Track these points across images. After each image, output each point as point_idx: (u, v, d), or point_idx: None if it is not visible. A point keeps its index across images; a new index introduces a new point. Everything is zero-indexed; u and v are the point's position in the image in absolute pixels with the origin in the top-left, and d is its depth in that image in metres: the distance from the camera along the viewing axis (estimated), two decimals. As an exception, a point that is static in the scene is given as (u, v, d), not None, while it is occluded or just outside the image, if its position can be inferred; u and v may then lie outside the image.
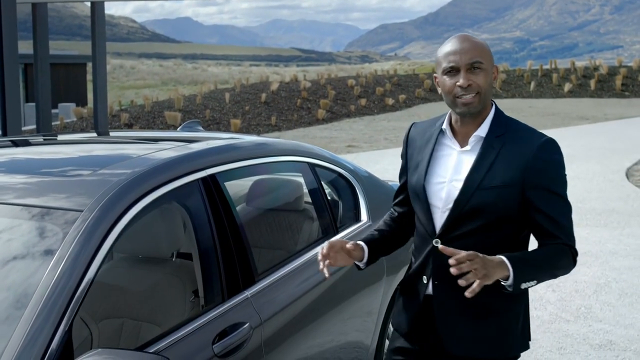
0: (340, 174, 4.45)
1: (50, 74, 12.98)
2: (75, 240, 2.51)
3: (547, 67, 36.58)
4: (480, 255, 2.44)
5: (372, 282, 4.13)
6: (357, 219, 4.38)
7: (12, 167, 3.37)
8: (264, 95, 26.90)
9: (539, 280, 2.59)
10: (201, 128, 4.76)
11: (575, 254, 2.68)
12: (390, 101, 29.13)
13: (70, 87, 35.77)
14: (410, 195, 2.84)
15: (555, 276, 2.66)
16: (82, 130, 20.71)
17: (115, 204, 2.68)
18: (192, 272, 3.31)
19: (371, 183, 4.69)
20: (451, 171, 2.69)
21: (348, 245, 2.73)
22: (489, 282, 2.45)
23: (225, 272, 3.10)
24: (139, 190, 2.82)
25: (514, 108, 28.28)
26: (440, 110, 23.87)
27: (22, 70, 29.58)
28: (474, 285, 2.41)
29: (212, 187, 3.22)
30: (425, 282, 2.75)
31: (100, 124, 14.74)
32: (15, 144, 4.15)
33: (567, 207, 2.66)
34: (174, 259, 3.54)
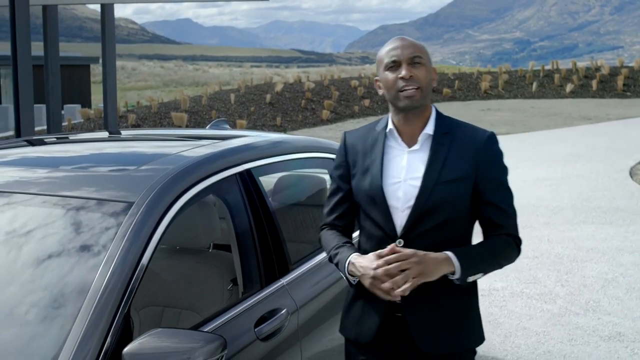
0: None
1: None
2: (130, 228, 2.68)
3: (549, 67, 36.72)
4: (421, 253, 2.57)
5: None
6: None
7: (60, 163, 3.56)
8: (268, 96, 27.09)
9: (485, 272, 2.72)
10: (227, 126, 4.95)
11: (519, 242, 2.80)
12: (393, 102, 29.31)
13: (75, 88, 35.90)
14: (363, 200, 2.80)
15: (500, 266, 2.77)
16: (96, 131, 20.90)
17: (163, 197, 2.86)
18: (228, 262, 3.49)
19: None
20: (404, 171, 2.73)
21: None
22: (430, 279, 2.58)
23: (263, 261, 3.28)
24: (183, 183, 2.99)
25: (517, 108, 28.44)
26: (444, 110, 24.10)
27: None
28: (406, 285, 2.53)
29: (249, 181, 3.40)
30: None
31: (110, 125, 14.90)
32: (54, 142, 4.34)
33: (511, 196, 2.80)
34: (210, 250, 3.73)
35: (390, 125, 2.81)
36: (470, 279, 2.67)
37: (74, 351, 2.32)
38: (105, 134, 4.91)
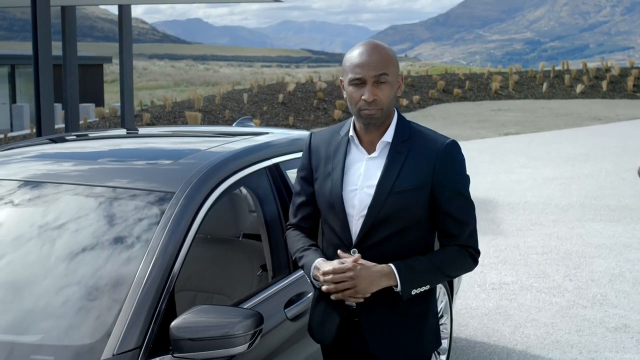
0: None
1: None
2: (172, 216, 2.95)
3: (559, 68, 36.84)
4: (359, 267, 2.58)
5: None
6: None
7: (100, 156, 3.82)
8: (281, 96, 27.34)
9: (432, 284, 2.71)
10: (252, 124, 5.20)
11: (474, 252, 2.77)
12: (405, 102, 29.50)
13: (88, 88, 36.18)
14: (323, 205, 2.80)
15: (451, 277, 2.77)
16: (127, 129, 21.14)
17: (201, 188, 3.12)
18: (258, 250, 3.74)
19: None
20: (361, 178, 2.71)
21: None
22: (365, 294, 2.59)
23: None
24: (218, 176, 3.25)
25: (527, 109, 28.60)
26: (455, 111, 24.04)
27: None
28: (343, 294, 2.60)
29: (277, 174, 3.66)
30: None
31: (127, 123, 15.17)
32: (89, 138, 4.60)
33: (471, 206, 2.77)
34: (240, 239, 3.99)
35: (352, 132, 2.77)
36: (414, 291, 2.65)
37: (124, 328, 2.58)
38: (138, 131, 5.17)
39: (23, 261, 2.97)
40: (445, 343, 5.11)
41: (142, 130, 5.90)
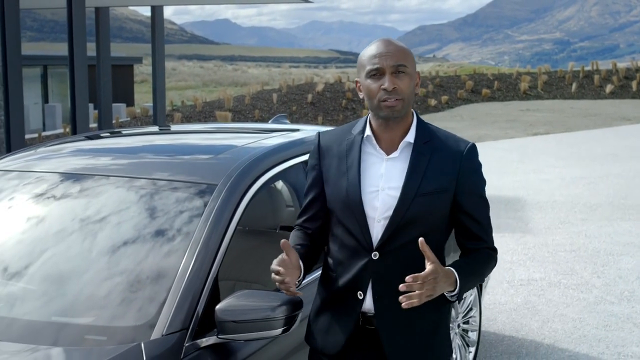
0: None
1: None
2: (216, 207, 3.11)
3: (589, 68, 36.70)
4: (441, 272, 2.45)
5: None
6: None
7: (143, 151, 4.00)
8: (310, 96, 27.53)
9: (472, 288, 2.76)
10: (287, 121, 5.36)
11: (496, 255, 2.78)
12: (433, 102, 29.57)
13: (119, 88, 36.57)
14: (337, 207, 2.68)
15: (483, 280, 2.81)
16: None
17: (242, 180, 3.28)
18: (294, 242, 3.89)
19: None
20: (382, 179, 2.63)
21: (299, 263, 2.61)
22: (433, 297, 2.46)
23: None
24: (258, 169, 3.41)
25: (556, 109, 28.55)
26: (483, 111, 24.01)
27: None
28: (414, 301, 2.40)
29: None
30: (360, 298, 2.65)
31: (159, 122, 15.41)
32: (132, 134, 4.78)
33: (488, 208, 2.76)
34: (277, 231, 4.14)
35: (368, 131, 2.68)
36: (464, 295, 2.71)
37: (172, 311, 2.75)
38: (178, 127, 5.35)
39: (78, 249, 3.15)
40: (474, 336, 5.24)
41: (177, 127, 6.07)
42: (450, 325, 4.82)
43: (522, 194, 12.00)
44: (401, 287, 2.40)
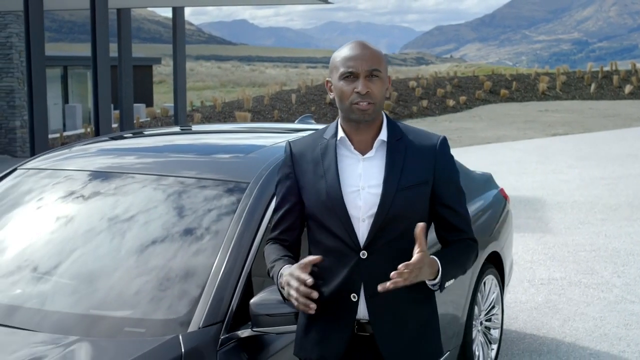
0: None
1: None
2: (248, 204, 3.21)
3: (607, 69, 36.62)
4: (427, 260, 2.48)
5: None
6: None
7: (176, 151, 4.10)
8: (328, 97, 27.63)
9: (455, 278, 2.69)
10: (313, 121, 5.45)
11: (477, 245, 2.80)
12: (451, 102, 29.61)
13: (138, 88, 36.76)
14: (318, 211, 2.66)
15: (465, 272, 2.75)
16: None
17: (272, 179, 3.36)
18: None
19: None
20: (361, 179, 2.65)
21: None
22: (413, 282, 2.47)
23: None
24: (287, 169, 3.50)
25: (574, 110, 28.52)
26: (502, 111, 23.98)
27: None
28: (388, 284, 2.42)
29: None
30: (355, 300, 2.64)
31: (180, 122, 15.55)
32: (159, 134, 4.89)
33: (465, 200, 2.80)
34: (305, 229, 4.23)
35: (341, 133, 2.70)
36: (446, 284, 2.64)
37: (208, 305, 2.85)
38: (204, 127, 5.45)
39: (116, 245, 3.26)
40: (496, 333, 5.32)
41: (204, 128, 6.17)
42: (473, 322, 4.91)
43: (542, 194, 12.04)
44: (392, 274, 2.40)
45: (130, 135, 4.74)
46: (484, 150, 18.05)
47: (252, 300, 2.82)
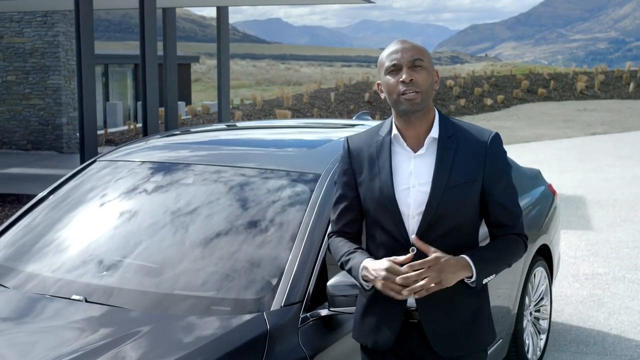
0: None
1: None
2: (322, 193, 3.44)
3: (646, 68, 36.38)
4: (443, 259, 2.57)
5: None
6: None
7: (247, 144, 4.36)
8: (367, 95, 27.83)
9: (497, 273, 2.76)
10: (370, 117, 5.66)
11: (526, 240, 2.84)
12: (489, 101, 29.65)
13: (178, 86, 37.16)
14: (373, 207, 2.76)
15: (510, 265, 2.82)
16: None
17: (340, 171, 3.60)
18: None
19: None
20: (412, 177, 2.72)
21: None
22: (448, 285, 2.59)
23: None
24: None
25: (613, 109, 28.42)
26: (540, 110, 23.97)
27: (132, 71, 30.97)
28: (422, 291, 2.55)
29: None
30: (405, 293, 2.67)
31: (224, 120, 15.83)
32: (224, 129, 5.14)
33: (517, 195, 2.83)
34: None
35: (394, 130, 2.77)
36: (485, 280, 2.71)
37: (288, 286, 3.09)
38: (267, 123, 5.70)
39: (203, 230, 3.51)
40: (545, 324, 5.50)
41: (267, 123, 6.40)
42: (524, 312, 5.09)
43: (583, 192, 12.15)
44: (398, 279, 2.57)
45: (199, 130, 4.99)
46: (523, 149, 18.13)
47: (329, 282, 3.03)
